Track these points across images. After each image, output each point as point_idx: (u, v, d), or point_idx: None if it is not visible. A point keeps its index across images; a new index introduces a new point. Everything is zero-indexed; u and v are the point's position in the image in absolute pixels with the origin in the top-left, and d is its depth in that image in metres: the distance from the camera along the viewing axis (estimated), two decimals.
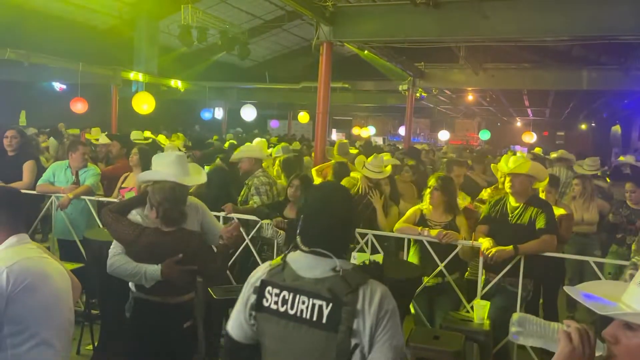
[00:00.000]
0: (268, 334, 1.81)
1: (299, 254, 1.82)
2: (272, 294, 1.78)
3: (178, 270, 2.73)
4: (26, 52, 10.52)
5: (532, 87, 13.09)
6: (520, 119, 23.95)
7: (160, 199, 2.76)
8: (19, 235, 2.10)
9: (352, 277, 1.72)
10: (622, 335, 1.23)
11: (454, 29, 6.73)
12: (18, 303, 1.90)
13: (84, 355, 4.20)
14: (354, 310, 1.67)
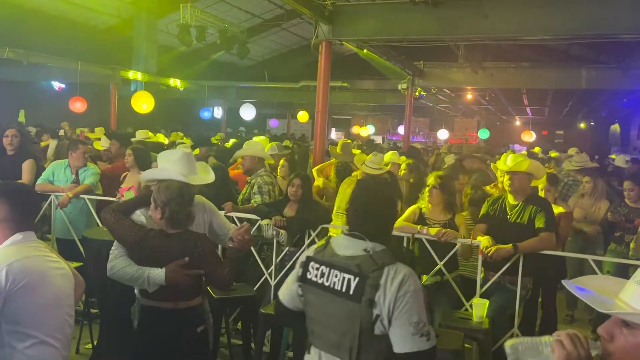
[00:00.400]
0: (310, 303, 2.11)
1: (341, 235, 2.13)
2: (314, 268, 2.08)
3: (183, 274, 2.58)
4: (25, 51, 10.53)
5: (531, 86, 13.10)
6: (520, 117, 23.95)
7: (166, 199, 2.60)
8: (25, 232, 2.09)
9: (379, 257, 1.97)
10: (618, 332, 1.23)
11: (453, 28, 6.73)
12: (16, 302, 1.91)
13: (83, 354, 4.21)
14: (377, 285, 1.90)
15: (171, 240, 2.63)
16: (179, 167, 2.80)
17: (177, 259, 2.57)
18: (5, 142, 5.30)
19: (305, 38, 16.32)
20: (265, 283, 4.33)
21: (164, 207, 2.60)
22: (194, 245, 2.62)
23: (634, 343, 1.20)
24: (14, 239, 2.06)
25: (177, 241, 2.62)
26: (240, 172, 5.78)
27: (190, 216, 2.68)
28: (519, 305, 3.81)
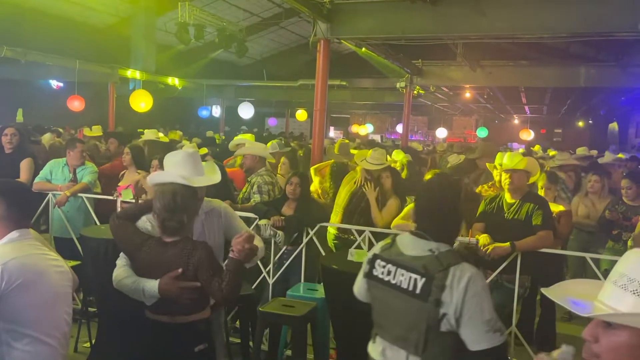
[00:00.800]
0: (376, 298, 2.21)
1: (407, 234, 2.19)
2: (380, 265, 2.17)
3: (177, 287, 2.38)
4: (23, 49, 10.51)
5: (529, 84, 13.10)
6: (518, 116, 23.96)
7: (160, 205, 2.44)
8: (22, 230, 2.08)
9: (445, 258, 2.03)
10: (602, 334, 1.24)
11: (451, 26, 6.73)
12: (12, 300, 1.90)
13: (82, 353, 4.20)
14: (443, 285, 1.97)
15: (167, 250, 2.45)
16: (180, 169, 2.64)
17: (173, 269, 2.40)
18: (4, 141, 5.30)
19: (304, 36, 16.31)
20: (263, 281, 4.33)
21: (158, 213, 2.46)
22: (188, 254, 2.42)
23: (618, 342, 1.21)
24: (10, 237, 2.05)
25: (172, 250, 2.44)
26: (234, 170, 5.79)
27: (182, 224, 2.46)
28: (517, 304, 3.82)
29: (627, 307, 1.21)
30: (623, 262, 1.29)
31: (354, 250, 3.52)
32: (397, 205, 4.62)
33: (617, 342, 1.22)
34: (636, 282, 1.22)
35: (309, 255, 4.20)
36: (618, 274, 1.27)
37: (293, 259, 4.22)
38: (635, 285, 1.22)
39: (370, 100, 18.98)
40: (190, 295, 2.42)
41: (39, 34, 11.39)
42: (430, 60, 11.55)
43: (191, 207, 2.52)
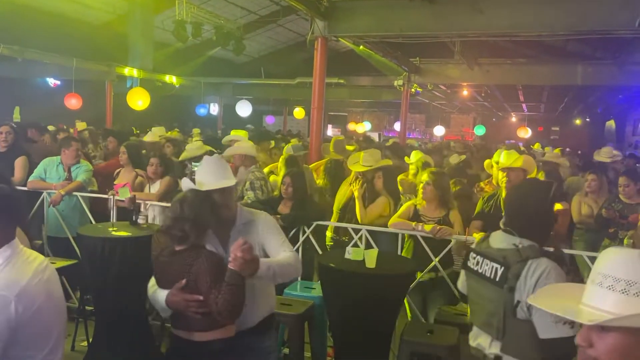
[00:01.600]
0: (470, 287, 2.47)
1: (499, 231, 2.40)
2: (473, 257, 2.42)
3: (182, 299, 2.23)
4: (20, 47, 10.47)
5: (527, 82, 13.11)
6: (515, 114, 24.00)
7: (169, 212, 2.41)
8: (10, 244, 1.90)
9: (525, 251, 2.21)
10: (596, 338, 1.25)
11: (449, 24, 6.74)
12: (27, 327, 1.82)
13: (79, 352, 4.20)
14: (518, 274, 2.15)
15: (175, 259, 2.33)
16: (199, 174, 2.54)
17: (178, 280, 2.26)
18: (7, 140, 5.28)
19: (301, 34, 16.28)
20: None
21: (164, 221, 2.40)
22: (190, 264, 2.26)
23: (615, 344, 1.22)
24: (3, 256, 1.87)
25: (178, 259, 2.32)
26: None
27: (185, 232, 2.29)
28: None
29: (618, 308, 1.22)
30: (602, 262, 1.29)
31: (351, 248, 3.51)
32: (385, 204, 4.59)
33: (614, 343, 1.22)
34: (623, 282, 1.23)
35: (305, 253, 4.20)
36: (601, 275, 1.27)
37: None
38: (622, 284, 1.23)
39: (368, 98, 18.98)
40: (198, 309, 2.22)
41: (35, 32, 11.34)
42: (428, 58, 11.55)
43: (201, 215, 2.32)
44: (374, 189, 4.65)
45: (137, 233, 3.98)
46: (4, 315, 1.75)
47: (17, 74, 13.25)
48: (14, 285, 1.80)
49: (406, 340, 3.15)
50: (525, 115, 23.19)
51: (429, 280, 3.95)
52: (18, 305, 1.77)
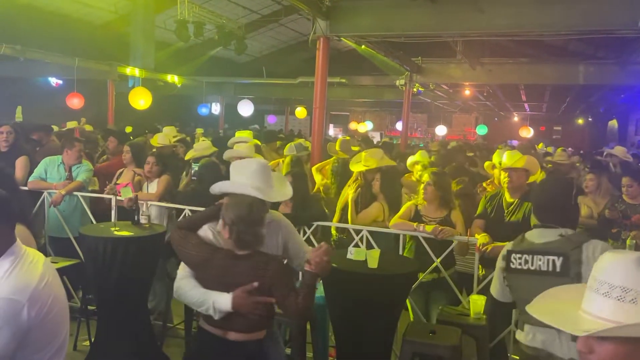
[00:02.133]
0: (519, 288, 2.47)
1: (533, 230, 2.51)
2: (516, 258, 2.46)
3: (251, 301, 2.30)
4: (22, 47, 10.47)
5: (529, 82, 13.08)
6: (518, 113, 23.96)
7: (235, 217, 2.35)
8: (14, 247, 1.88)
9: (575, 237, 2.34)
10: (596, 344, 1.25)
11: (451, 24, 6.73)
12: (39, 330, 1.81)
13: (81, 351, 4.20)
14: (580, 260, 2.23)
15: (239, 263, 2.36)
16: (254, 180, 2.50)
17: (245, 283, 2.31)
18: (1, 139, 5.28)
19: (303, 34, 16.27)
20: None
21: (232, 225, 2.35)
22: (264, 268, 2.34)
23: (611, 350, 1.22)
24: (8, 260, 1.84)
25: (245, 264, 2.36)
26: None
27: (258, 237, 2.39)
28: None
29: (615, 316, 1.22)
30: (599, 267, 1.28)
31: (353, 248, 3.51)
32: (379, 210, 4.54)
33: (613, 351, 1.22)
34: (618, 289, 1.23)
35: None
36: (598, 282, 1.27)
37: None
38: (617, 291, 1.23)
39: (370, 98, 18.96)
40: (262, 311, 2.35)
41: (37, 32, 11.35)
42: (430, 58, 11.53)
43: (263, 220, 2.43)
44: (371, 191, 4.62)
45: (139, 233, 3.98)
46: (17, 319, 1.74)
47: (19, 74, 13.26)
48: (24, 290, 1.78)
49: (408, 340, 3.14)
50: (528, 114, 23.15)
51: (431, 280, 3.94)
52: (30, 309, 1.76)
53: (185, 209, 4.49)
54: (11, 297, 1.75)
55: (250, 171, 2.55)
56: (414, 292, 3.86)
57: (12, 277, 1.81)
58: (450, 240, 3.84)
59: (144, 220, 4.17)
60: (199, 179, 4.89)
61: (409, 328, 3.33)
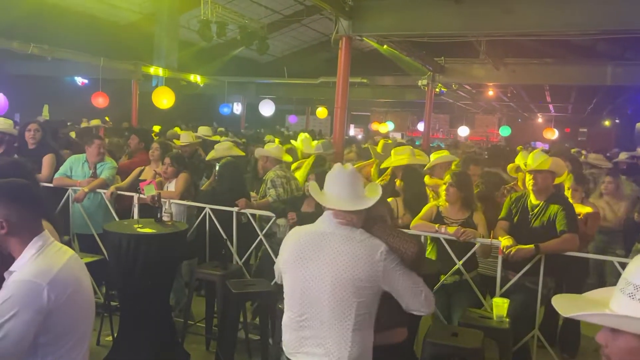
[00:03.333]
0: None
1: None
2: None
3: None
4: (50, 47, 10.69)
5: (554, 83, 12.88)
6: (542, 115, 23.59)
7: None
8: (42, 235, 1.96)
9: None
10: (609, 338, 1.29)
11: (476, 24, 6.64)
12: (59, 315, 1.86)
13: (104, 346, 4.26)
14: None
15: None
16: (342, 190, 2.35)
17: None
18: (28, 136, 5.38)
19: (325, 34, 16.28)
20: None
21: None
22: None
23: (623, 345, 1.27)
24: (34, 246, 1.92)
25: None
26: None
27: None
28: (540, 305, 3.75)
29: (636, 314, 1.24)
30: (628, 270, 1.31)
31: None
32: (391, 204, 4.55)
33: (624, 345, 1.27)
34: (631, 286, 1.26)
35: None
36: (625, 283, 1.30)
37: None
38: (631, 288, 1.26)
39: (391, 98, 18.88)
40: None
41: (64, 31, 11.57)
42: (453, 58, 11.42)
43: None
44: (394, 188, 4.61)
45: (161, 230, 4.02)
46: (37, 301, 1.80)
47: (47, 73, 13.53)
48: (46, 273, 1.85)
49: (429, 342, 3.11)
50: (552, 116, 22.78)
51: (453, 283, 3.89)
52: (50, 292, 1.82)
53: (206, 207, 4.52)
54: (32, 280, 1.82)
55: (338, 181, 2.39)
56: (435, 294, 3.80)
57: (36, 262, 1.88)
58: (473, 242, 3.78)
59: (166, 218, 4.20)
60: (219, 178, 4.93)
61: (430, 330, 3.29)
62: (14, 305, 1.78)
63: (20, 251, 1.92)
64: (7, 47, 9.91)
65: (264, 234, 4.39)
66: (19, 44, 10.07)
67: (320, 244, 2.32)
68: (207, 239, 4.62)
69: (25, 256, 1.91)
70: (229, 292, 3.77)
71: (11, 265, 1.93)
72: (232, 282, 3.90)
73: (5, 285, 1.87)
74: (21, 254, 1.92)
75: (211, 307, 4.41)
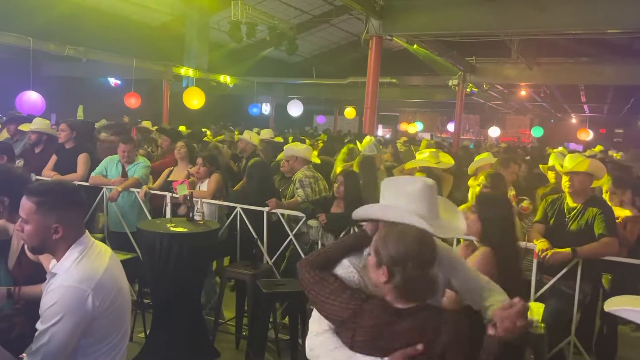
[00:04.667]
0: None
1: None
2: None
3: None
4: (85, 48, 10.94)
5: (589, 82, 12.58)
6: (576, 115, 23.03)
7: (398, 255, 1.67)
8: (84, 237, 1.98)
9: None
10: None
11: (509, 22, 6.54)
12: (102, 319, 1.89)
13: (137, 343, 4.32)
14: None
15: (399, 320, 1.68)
16: (418, 204, 1.86)
17: (405, 346, 1.64)
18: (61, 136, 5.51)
19: (354, 34, 16.24)
20: None
21: (393, 266, 1.67)
22: (434, 329, 1.67)
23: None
24: (78, 249, 1.95)
25: (408, 322, 1.67)
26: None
27: (431, 284, 1.75)
28: (576, 311, 3.65)
29: None
30: None
31: None
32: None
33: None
34: None
35: None
36: None
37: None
38: None
39: (421, 98, 18.72)
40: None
41: (98, 33, 11.83)
42: (484, 58, 11.28)
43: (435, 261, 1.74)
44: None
45: (193, 229, 4.06)
46: (82, 308, 1.82)
47: (81, 74, 13.88)
48: (90, 279, 1.87)
49: None
50: (587, 116, 22.21)
51: None
52: (95, 299, 1.84)
53: (237, 207, 4.55)
54: (77, 286, 1.84)
55: (414, 193, 1.88)
56: None
57: (80, 267, 1.90)
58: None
59: (198, 217, 4.24)
60: (248, 178, 4.95)
61: None
62: (59, 311, 1.80)
63: (63, 252, 1.94)
64: (44, 49, 10.17)
65: (294, 234, 4.40)
66: (56, 45, 10.35)
67: None
68: (239, 239, 4.65)
69: (69, 259, 1.92)
70: (259, 291, 3.78)
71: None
72: (263, 281, 3.92)
73: (49, 289, 1.89)
74: (64, 256, 1.93)
75: (241, 306, 4.43)
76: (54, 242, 1.92)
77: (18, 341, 2.19)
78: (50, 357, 1.81)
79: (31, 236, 1.92)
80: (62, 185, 2.05)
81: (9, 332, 2.25)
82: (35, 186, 2.00)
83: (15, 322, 2.28)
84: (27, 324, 2.18)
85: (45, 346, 1.79)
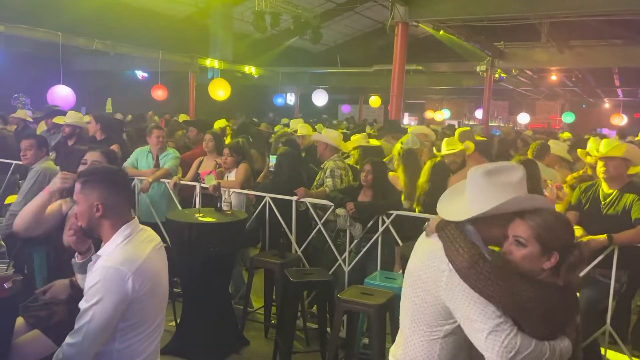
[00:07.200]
0: None
1: None
2: None
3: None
4: (112, 42, 11.10)
5: (623, 65, 12.15)
6: (609, 99, 22.35)
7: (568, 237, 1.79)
8: (131, 223, 2.04)
9: None
10: None
11: (539, 4, 6.37)
12: (139, 304, 1.94)
13: (167, 331, 4.38)
14: None
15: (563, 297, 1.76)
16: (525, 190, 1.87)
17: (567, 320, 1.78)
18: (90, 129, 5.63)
19: (379, 21, 16.05)
20: (339, 268, 4.32)
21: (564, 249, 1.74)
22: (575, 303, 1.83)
23: None
24: (124, 233, 2.01)
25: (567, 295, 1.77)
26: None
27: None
28: (612, 300, 3.55)
29: None
30: None
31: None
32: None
33: None
34: None
35: (385, 242, 4.13)
36: None
37: (369, 246, 4.17)
38: None
39: (447, 85, 18.43)
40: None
41: (125, 27, 11.97)
42: (513, 42, 11.01)
43: None
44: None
45: (221, 219, 4.09)
46: (122, 288, 1.88)
47: (109, 68, 14.08)
48: (132, 262, 1.93)
49: None
50: (621, 100, 21.54)
51: None
52: (135, 281, 1.90)
53: (266, 196, 4.56)
54: (118, 267, 1.90)
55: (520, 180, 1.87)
56: None
57: (123, 250, 1.96)
58: None
59: (226, 207, 4.27)
60: (277, 168, 4.95)
61: None
62: (100, 291, 1.87)
63: (109, 236, 2.01)
64: (73, 43, 10.36)
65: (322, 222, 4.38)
66: (85, 40, 10.53)
67: None
68: (267, 228, 4.67)
69: (114, 242, 1.99)
70: (287, 280, 3.80)
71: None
72: (291, 270, 3.93)
73: (92, 269, 1.96)
74: (110, 240, 2.00)
75: (270, 295, 4.46)
76: (98, 222, 2.00)
77: (57, 328, 2.25)
78: (91, 335, 1.87)
79: (80, 216, 2.02)
80: (106, 167, 2.20)
81: (49, 320, 2.32)
82: (85, 169, 2.14)
83: (56, 310, 2.35)
84: (67, 312, 2.25)
85: (87, 324, 1.86)
